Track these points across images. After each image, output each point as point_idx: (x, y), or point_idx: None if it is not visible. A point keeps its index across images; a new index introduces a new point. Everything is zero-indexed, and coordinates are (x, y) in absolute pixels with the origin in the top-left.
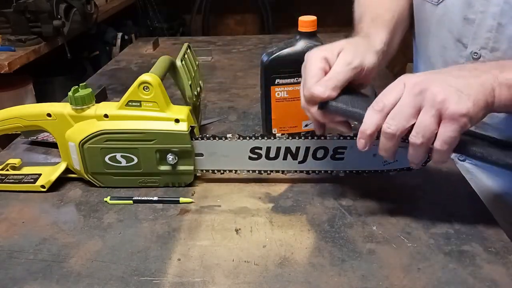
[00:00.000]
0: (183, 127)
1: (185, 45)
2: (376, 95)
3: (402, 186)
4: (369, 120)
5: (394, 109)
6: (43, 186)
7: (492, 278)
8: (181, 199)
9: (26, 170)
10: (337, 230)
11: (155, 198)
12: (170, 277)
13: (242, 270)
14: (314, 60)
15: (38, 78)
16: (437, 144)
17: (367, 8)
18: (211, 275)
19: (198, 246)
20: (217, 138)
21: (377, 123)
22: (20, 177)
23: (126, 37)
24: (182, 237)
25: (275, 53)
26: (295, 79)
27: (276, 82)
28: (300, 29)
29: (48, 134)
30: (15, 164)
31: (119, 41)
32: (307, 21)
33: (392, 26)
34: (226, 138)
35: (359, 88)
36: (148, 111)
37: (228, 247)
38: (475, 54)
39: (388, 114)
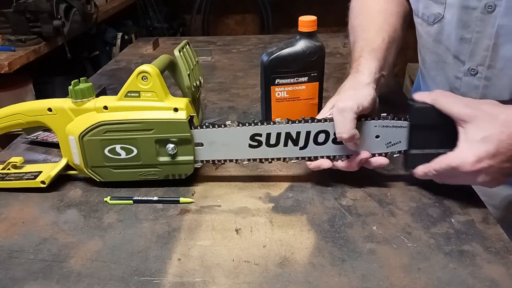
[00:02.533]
0: (182, 115)
1: (184, 41)
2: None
3: (403, 186)
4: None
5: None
6: (43, 182)
7: (492, 278)
8: (181, 199)
9: (27, 168)
10: (337, 230)
11: (155, 198)
12: (170, 277)
13: (242, 270)
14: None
15: (38, 78)
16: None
17: (358, 34)
18: (211, 275)
19: (198, 246)
20: (216, 126)
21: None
22: (21, 174)
23: (126, 37)
24: (182, 237)
25: (275, 53)
26: (295, 79)
27: (276, 82)
28: (300, 29)
29: (48, 134)
30: (16, 162)
31: (119, 41)
32: (307, 21)
33: (384, 49)
34: (225, 125)
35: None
36: (147, 101)
37: (228, 247)
38: (473, 70)
39: None
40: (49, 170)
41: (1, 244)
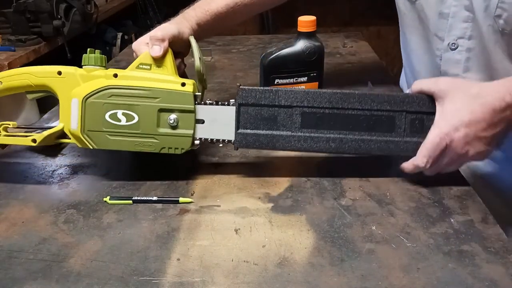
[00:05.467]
0: (188, 88)
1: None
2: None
3: (402, 186)
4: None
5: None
6: (34, 140)
7: (492, 278)
8: (181, 199)
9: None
10: (336, 230)
11: (155, 198)
12: (170, 277)
13: (242, 270)
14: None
15: None
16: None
17: None
18: (210, 275)
19: (198, 246)
20: (220, 103)
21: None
22: (12, 133)
23: (126, 37)
24: (181, 237)
25: (275, 53)
26: (295, 79)
27: (276, 82)
28: (300, 29)
29: None
30: (9, 125)
31: (119, 41)
32: (306, 21)
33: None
34: (229, 104)
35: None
36: (157, 74)
37: (228, 247)
38: (453, 44)
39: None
40: (41, 132)
41: (1, 244)
